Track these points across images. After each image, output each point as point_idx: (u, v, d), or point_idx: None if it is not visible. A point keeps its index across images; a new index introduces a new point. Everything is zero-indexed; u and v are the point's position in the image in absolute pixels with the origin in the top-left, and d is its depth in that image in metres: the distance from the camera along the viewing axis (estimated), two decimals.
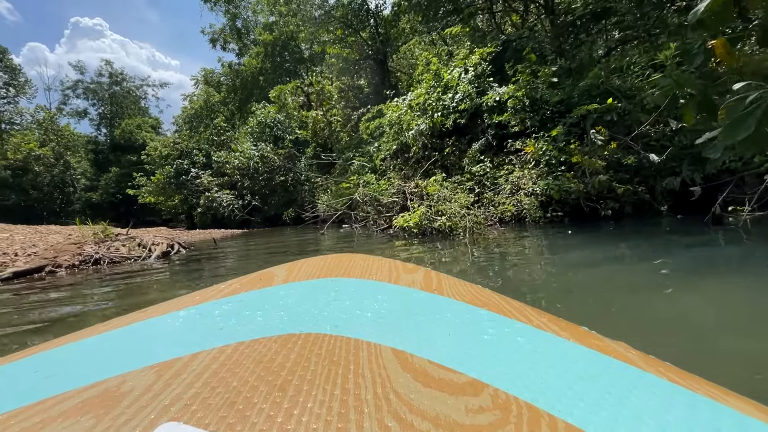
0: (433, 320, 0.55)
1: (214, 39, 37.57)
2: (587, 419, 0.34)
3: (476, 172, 7.08)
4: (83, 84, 49.57)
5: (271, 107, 23.60)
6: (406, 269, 0.86)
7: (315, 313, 0.57)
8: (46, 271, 4.15)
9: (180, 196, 26.49)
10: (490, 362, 0.44)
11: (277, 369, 0.41)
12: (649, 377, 0.42)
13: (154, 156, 28.13)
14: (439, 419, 0.33)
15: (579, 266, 3.01)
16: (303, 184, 21.30)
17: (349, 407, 0.35)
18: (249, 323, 0.54)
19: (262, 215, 21.53)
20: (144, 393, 0.37)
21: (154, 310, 0.63)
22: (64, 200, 42.52)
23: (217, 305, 0.62)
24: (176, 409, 0.35)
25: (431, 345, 0.47)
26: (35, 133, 42.85)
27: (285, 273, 0.79)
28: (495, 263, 3.28)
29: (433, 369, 0.42)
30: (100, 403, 0.36)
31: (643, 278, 2.46)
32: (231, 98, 32.89)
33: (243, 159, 20.53)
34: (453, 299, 0.65)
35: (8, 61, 44.70)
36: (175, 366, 0.42)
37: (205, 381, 0.39)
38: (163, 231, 20.08)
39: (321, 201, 17.14)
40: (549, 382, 0.40)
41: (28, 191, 39.99)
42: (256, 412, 0.34)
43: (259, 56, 31.98)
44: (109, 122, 49.12)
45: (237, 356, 0.44)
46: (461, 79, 8.21)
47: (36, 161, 40.50)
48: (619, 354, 0.48)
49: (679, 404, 0.37)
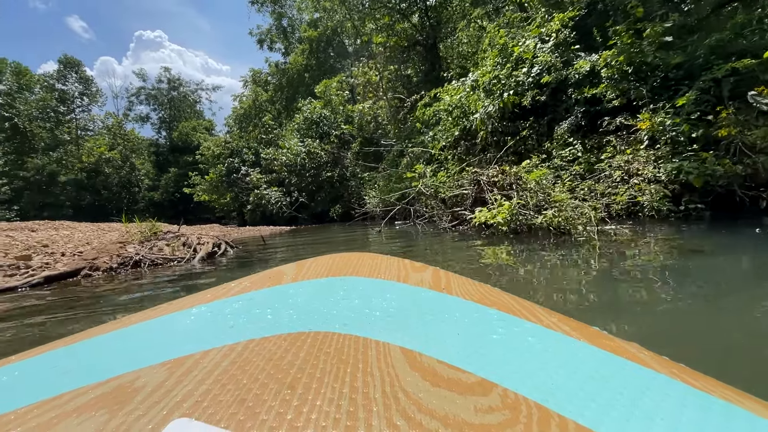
0: (442, 319, 0.55)
1: (261, 39, 38.36)
2: (598, 420, 0.34)
3: (565, 156, 5.85)
4: (145, 90, 53.20)
5: (317, 103, 23.33)
6: (414, 268, 0.85)
7: (324, 311, 0.57)
8: (82, 275, 3.66)
9: (231, 194, 27.22)
10: (500, 362, 0.43)
11: (287, 367, 0.41)
12: (662, 378, 0.42)
13: (207, 156, 29.10)
14: (447, 418, 0.33)
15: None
16: (349, 180, 20.80)
17: (358, 405, 0.35)
18: (259, 321, 0.54)
19: (309, 212, 21.33)
20: (156, 389, 0.38)
21: (166, 307, 0.63)
22: (131, 199, 45.82)
23: (227, 303, 0.62)
24: (188, 406, 0.35)
25: (440, 344, 0.47)
26: (105, 138, 46.52)
27: (294, 271, 0.79)
28: (682, 286, 1.99)
29: (441, 368, 0.41)
30: (114, 398, 0.37)
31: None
32: (278, 97, 33.33)
33: (290, 155, 20.38)
34: (462, 298, 0.65)
35: (82, 73, 48.84)
36: (186, 363, 0.43)
37: (216, 378, 0.39)
38: (215, 228, 20.52)
39: (369, 197, 16.52)
40: (559, 383, 0.39)
41: (100, 191, 43.54)
42: (266, 410, 0.34)
43: (304, 53, 32.04)
44: (168, 125, 52.28)
45: (247, 354, 0.44)
46: (538, 50, 6.96)
47: (106, 164, 43.94)
48: (632, 355, 0.47)
49: (692, 406, 0.37)
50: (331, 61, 32.18)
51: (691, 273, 2.25)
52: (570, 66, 6.54)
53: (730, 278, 2.14)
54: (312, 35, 30.31)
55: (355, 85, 22.67)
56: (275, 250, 6.22)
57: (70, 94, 47.50)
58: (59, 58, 47.61)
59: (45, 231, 9.87)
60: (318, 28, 30.53)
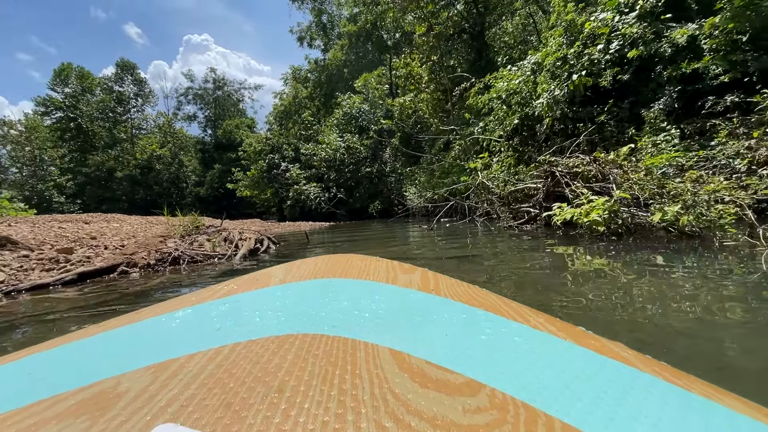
0: (431, 320, 0.55)
1: (301, 37, 38.74)
2: (583, 419, 0.34)
3: (659, 144, 4.90)
4: (192, 90, 55.71)
5: (356, 97, 23.01)
6: (403, 269, 0.85)
7: (312, 313, 0.57)
8: (119, 272, 3.36)
9: (271, 190, 27.65)
10: (488, 362, 0.43)
11: (274, 370, 0.41)
12: (645, 377, 0.42)
13: (249, 152, 29.75)
14: (436, 419, 0.33)
15: None
16: (388, 175, 20.31)
17: (347, 408, 0.35)
18: (246, 324, 0.53)
19: (347, 208, 21.09)
20: (140, 394, 0.37)
21: (149, 311, 0.62)
22: (179, 194, 48.17)
23: (213, 306, 0.61)
24: (172, 411, 0.34)
25: (428, 345, 0.47)
26: (156, 137, 49.21)
27: (282, 273, 0.79)
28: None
29: (430, 369, 0.41)
30: (95, 404, 0.36)
31: None
32: (317, 93, 33.47)
33: (329, 151, 20.20)
34: (450, 299, 0.65)
35: (137, 75, 51.89)
36: (171, 367, 0.42)
37: (202, 382, 0.39)
38: (256, 223, 20.79)
39: (410, 193, 15.95)
40: (546, 382, 0.40)
41: (151, 186, 46.14)
42: (253, 413, 0.34)
43: (342, 49, 31.89)
44: (213, 124, 54.45)
45: (234, 357, 0.44)
46: (619, 23, 6.00)
47: (157, 160, 46.47)
48: (616, 354, 0.48)
49: (673, 403, 0.38)
50: (369, 56, 31.80)
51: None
52: (661, 39, 5.54)
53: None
54: (351, 30, 30.04)
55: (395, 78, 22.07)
56: (316, 246, 5.79)
57: (126, 95, 50.56)
58: (116, 61, 50.86)
59: (97, 223, 10.15)
60: (357, 23, 30.22)
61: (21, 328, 1.91)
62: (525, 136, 7.60)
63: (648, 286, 1.95)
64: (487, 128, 8.86)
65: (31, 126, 42.36)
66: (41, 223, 8.32)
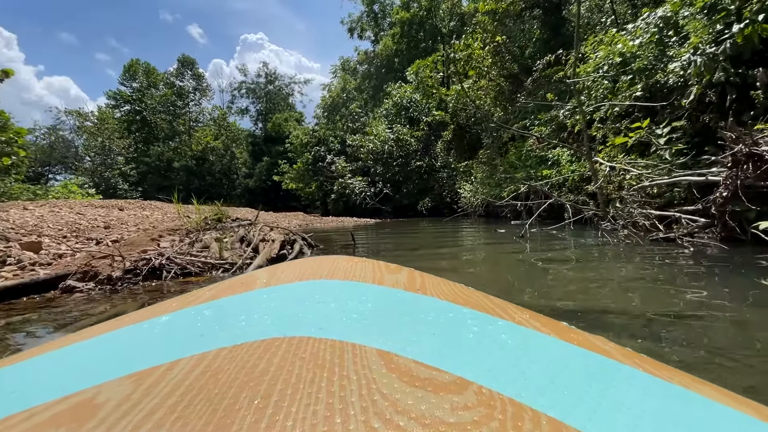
0: (418, 320, 0.55)
1: (352, 28, 37.79)
2: (567, 412, 0.35)
3: None
4: (246, 85, 57.20)
5: (408, 86, 21.47)
6: (389, 270, 0.85)
7: (299, 316, 0.56)
8: (62, 288, 2.14)
9: (316, 183, 27.02)
10: (475, 360, 0.44)
11: (260, 374, 0.40)
12: (626, 369, 0.44)
13: (296, 144, 29.34)
14: (424, 418, 0.33)
15: None
16: (440, 170, 18.61)
17: (335, 410, 0.34)
18: (231, 328, 0.53)
19: (393, 204, 19.68)
20: (121, 404, 0.36)
21: (128, 318, 0.61)
22: (229, 185, 49.69)
23: (197, 311, 0.61)
24: (156, 419, 0.34)
25: (416, 344, 0.47)
26: (211, 129, 51.10)
27: (267, 276, 0.78)
28: None
29: (418, 368, 0.41)
30: (72, 416, 0.35)
31: None
32: (366, 85, 32.35)
33: (377, 143, 18.86)
34: (437, 298, 0.66)
35: (195, 70, 54.17)
36: (153, 374, 0.41)
37: (186, 389, 0.38)
38: (299, 216, 20.05)
39: (465, 189, 14.22)
40: (531, 378, 0.40)
41: (205, 177, 48.01)
42: (239, 419, 0.33)
43: (394, 37, 30.41)
44: (264, 117, 55.56)
45: (219, 362, 0.43)
46: None
47: (211, 152, 48.19)
48: (598, 347, 0.49)
49: (654, 394, 0.39)
50: (422, 45, 30.06)
51: None
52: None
53: None
54: (404, 17, 28.49)
55: (453, 62, 20.21)
56: (364, 253, 4.39)
57: (185, 89, 52.95)
58: (178, 57, 53.35)
59: (132, 210, 9.61)
60: (410, 10, 28.61)
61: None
62: (646, 114, 5.63)
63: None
64: (579, 109, 6.94)
65: (103, 118, 45.49)
66: (62, 208, 7.73)
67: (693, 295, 1.92)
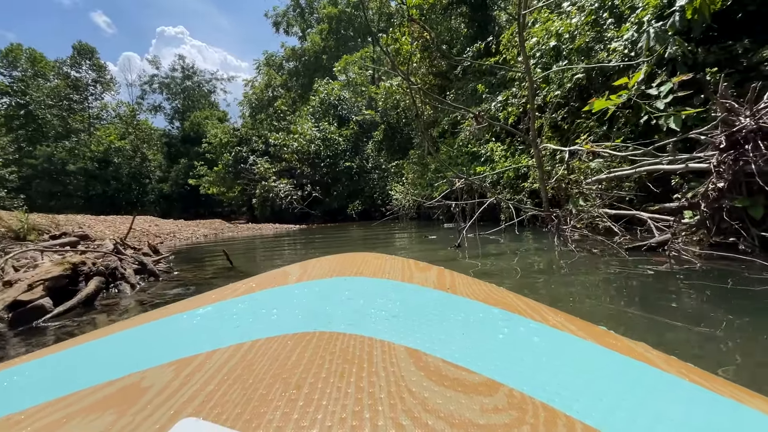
0: (447, 319, 0.55)
1: (277, 22, 35.59)
2: (605, 420, 0.33)
3: None
4: (158, 78, 51.34)
5: (336, 83, 20.33)
6: (419, 268, 0.83)
7: (329, 311, 0.57)
8: None
9: (240, 187, 24.59)
10: (505, 361, 0.43)
11: (292, 367, 0.41)
12: (670, 378, 0.41)
13: (214, 144, 26.50)
14: (453, 418, 0.33)
15: None
16: (371, 171, 17.75)
17: (364, 405, 0.35)
18: (264, 321, 0.54)
19: (323, 208, 18.36)
20: (163, 389, 0.38)
21: (172, 308, 0.63)
22: (141, 191, 44.10)
23: (233, 304, 0.62)
24: (195, 406, 0.35)
25: (445, 344, 0.47)
26: (117, 128, 45.04)
27: (299, 272, 0.78)
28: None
29: (447, 368, 0.41)
30: (121, 398, 0.37)
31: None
32: (293, 83, 30.49)
33: (303, 142, 17.40)
34: (467, 298, 0.64)
35: (96, 60, 47.42)
36: (193, 363, 0.43)
37: (222, 378, 0.39)
38: (216, 223, 17.82)
39: (396, 191, 13.48)
40: (565, 382, 0.39)
41: (109, 182, 41.99)
42: (272, 409, 0.34)
43: (322, 33, 29.08)
44: (181, 116, 50.32)
45: (253, 354, 0.44)
46: None
47: (116, 153, 42.32)
48: (639, 354, 0.46)
49: (700, 406, 0.36)
50: (351, 43, 29.15)
51: None
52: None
53: None
54: (331, 12, 27.34)
55: (381, 60, 19.52)
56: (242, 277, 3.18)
57: (83, 81, 46.17)
58: (73, 44, 46.28)
59: None
60: (338, 5, 27.55)
61: None
62: (582, 104, 5.15)
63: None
64: (510, 101, 6.40)
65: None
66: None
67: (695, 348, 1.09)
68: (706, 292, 1.90)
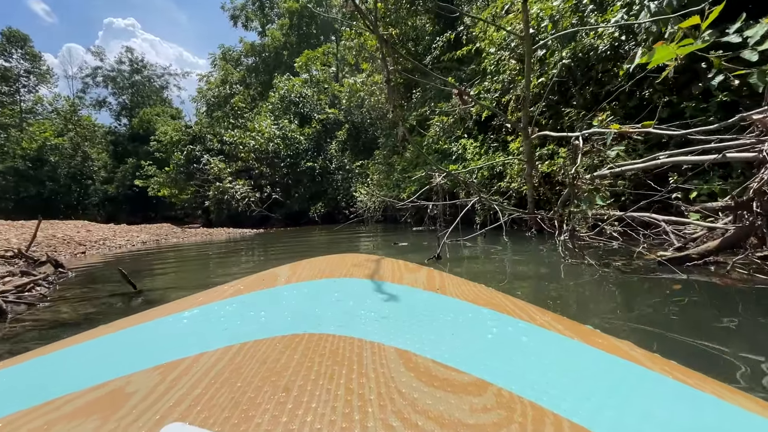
0: (437, 319, 0.54)
1: (235, 16, 33.71)
2: (592, 418, 0.33)
3: None
4: (102, 71, 47.31)
5: (297, 79, 19.31)
6: (408, 269, 0.82)
7: (318, 313, 0.56)
8: None
9: (193, 189, 22.79)
10: (494, 361, 0.43)
11: (281, 369, 0.41)
12: (655, 376, 0.41)
13: (164, 142, 24.48)
14: (443, 418, 0.33)
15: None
16: (334, 172, 16.92)
17: (353, 407, 0.34)
18: (253, 324, 0.53)
19: (284, 211, 17.28)
20: (149, 394, 0.38)
21: (157, 311, 0.62)
22: (82, 193, 40.31)
23: (221, 306, 0.61)
24: (181, 410, 0.35)
25: (435, 344, 0.46)
26: (53, 123, 40.93)
27: (288, 273, 0.77)
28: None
29: (436, 368, 0.41)
30: (106, 404, 0.37)
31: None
32: (252, 80, 28.92)
33: (261, 140, 16.26)
34: (456, 298, 0.64)
35: (29, 49, 42.95)
36: (179, 367, 0.42)
37: (210, 382, 0.39)
38: (164, 227, 16.24)
39: (361, 193, 12.77)
40: (553, 381, 0.39)
41: (45, 183, 37.99)
42: (261, 413, 0.34)
43: (283, 29, 27.81)
44: (130, 112, 46.66)
45: (241, 357, 0.44)
46: None
47: (52, 151, 38.41)
48: (624, 353, 0.46)
49: (685, 403, 0.37)
50: (313, 40, 28.13)
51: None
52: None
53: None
54: (293, 6, 26.21)
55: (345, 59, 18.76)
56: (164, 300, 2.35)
57: (13, 71, 41.70)
58: (2, 30, 41.64)
59: None
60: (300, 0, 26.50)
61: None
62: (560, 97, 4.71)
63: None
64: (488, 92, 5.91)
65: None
66: None
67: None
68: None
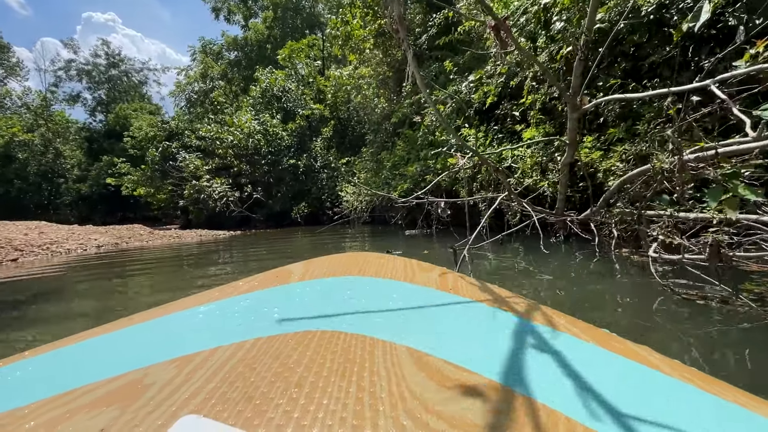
0: (449, 320, 0.54)
1: (217, 8, 32.38)
2: (607, 423, 0.33)
3: None
4: (76, 64, 45.10)
5: (279, 72, 18.34)
6: (421, 268, 0.81)
7: (331, 310, 0.56)
8: None
9: (170, 188, 21.54)
10: (507, 363, 0.42)
11: (294, 365, 0.41)
12: (673, 382, 0.40)
13: (138, 138, 23.12)
14: (454, 419, 0.33)
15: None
16: (319, 171, 16.03)
17: (365, 405, 0.34)
18: (266, 320, 0.54)
19: (265, 212, 16.30)
20: (166, 386, 0.38)
21: (175, 305, 0.62)
22: (53, 192, 38.29)
23: (235, 302, 0.61)
24: (196, 403, 0.35)
25: (447, 345, 0.46)
26: (22, 118, 38.76)
27: (302, 270, 0.78)
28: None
29: (448, 369, 0.41)
30: (124, 394, 0.37)
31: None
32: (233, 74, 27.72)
33: (240, 135, 15.24)
34: (470, 299, 0.62)
35: None
36: (195, 360, 0.43)
37: (224, 376, 0.39)
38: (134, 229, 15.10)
39: (347, 192, 11.94)
40: (567, 385, 0.38)
41: (13, 181, 35.93)
42: (273, 407, 0.34)
43: (266, 21, 26.72)
44: (106, 108, 44.55)
45: (255, 352, 0.44)
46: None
47: (20, 148, 36.34)
48: (642, 358, 0.45)
49: (705, 410, 0.35)
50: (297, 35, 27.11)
51: None
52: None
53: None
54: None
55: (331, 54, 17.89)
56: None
57: None
58: None
59: None
60: None
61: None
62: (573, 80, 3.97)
63: None
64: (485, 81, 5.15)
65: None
66: None
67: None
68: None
